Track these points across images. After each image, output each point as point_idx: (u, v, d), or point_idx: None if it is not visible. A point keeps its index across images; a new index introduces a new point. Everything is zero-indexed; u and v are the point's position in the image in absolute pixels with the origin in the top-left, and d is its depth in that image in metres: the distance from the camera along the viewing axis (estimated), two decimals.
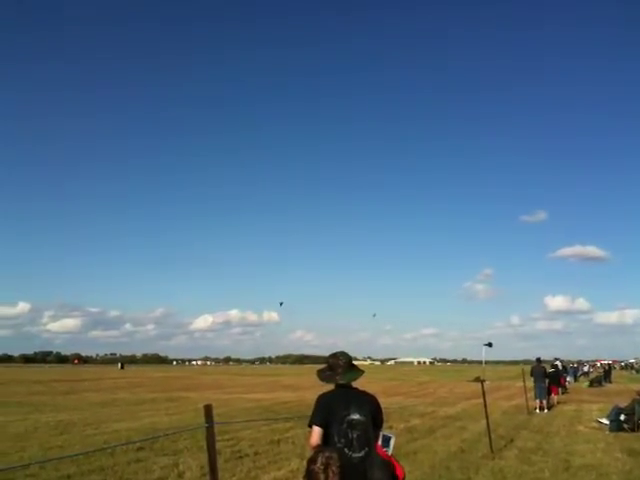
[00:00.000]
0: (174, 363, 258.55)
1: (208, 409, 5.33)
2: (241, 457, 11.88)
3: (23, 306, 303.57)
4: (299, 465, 11.02)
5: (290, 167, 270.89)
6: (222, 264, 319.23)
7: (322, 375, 5.35)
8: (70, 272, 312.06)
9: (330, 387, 5.30)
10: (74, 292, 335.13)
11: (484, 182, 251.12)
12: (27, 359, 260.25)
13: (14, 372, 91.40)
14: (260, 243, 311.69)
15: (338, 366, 5.26)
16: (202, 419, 17.48)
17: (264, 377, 67.34)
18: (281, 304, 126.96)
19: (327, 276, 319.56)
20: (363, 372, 5.45)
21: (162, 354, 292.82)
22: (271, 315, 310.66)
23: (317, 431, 4.96)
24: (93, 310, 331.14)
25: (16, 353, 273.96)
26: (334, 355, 5.38)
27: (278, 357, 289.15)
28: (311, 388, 37.97)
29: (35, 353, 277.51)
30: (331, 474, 4.16)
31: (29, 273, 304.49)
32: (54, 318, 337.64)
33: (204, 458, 11.47)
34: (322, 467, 4.18)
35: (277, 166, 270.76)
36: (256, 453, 12.49)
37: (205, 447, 12.45)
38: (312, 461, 4.28)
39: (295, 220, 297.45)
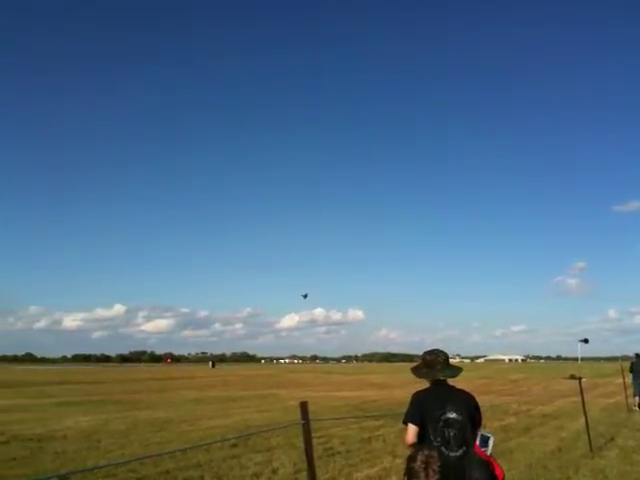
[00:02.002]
0: (262, 361, 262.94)
1: (304, 406, 5.34)
2: (333, 455, 11.90)
3: (119, 308, 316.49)
4: (391, 463, 10.97)
5: (377, 166, 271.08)
6: (306, 263, 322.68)
7: (418, 372, 5.28)
8: (162, 275, 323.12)
9: (423, 385, 5.23)
10: (166, 294, 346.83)
11: (573, 172, 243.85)
12: (123, 359, 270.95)
13: (112, 371, 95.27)
14: (344, 242, 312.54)
15: (437, 363, 5.17)
16: (292, 416, 17.74)
17: (351, 375, 67.44)
18: (305, 296, 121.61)
19: (412, 273, 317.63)
20: (461, 369, 5.36)
21: (250, 352, 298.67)
22: (356, 313, 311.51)
23: (412, 429, 4.90)
24: (184, 311, 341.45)
25: (113, 353, 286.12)
26: (431, 352, 5.29)
27: (364, 355, 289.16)
28: (399, 386, 37.79)
29: (130, 353, 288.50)
30: (431, 472, 4.10)
31: (124, 277, 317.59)
32: (147, 319, 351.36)
33: (296, 455, 11.64)
34: (422, 465, 4.13)
35: (368, 165, 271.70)
36: (348, 451, 12.48)
37: (297, 444, 12.70)
38: (412, 459, 4.23)
39: (379, 219, 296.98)
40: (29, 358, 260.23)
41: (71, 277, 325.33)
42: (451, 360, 5.40)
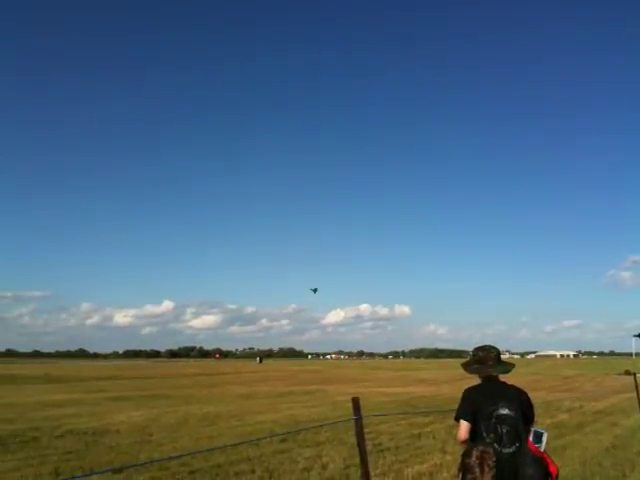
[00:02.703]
0: (309, 357, 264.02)
1: (356, 402, 5.33)
2: (382, 450, 11.85)
3: (167, 304, 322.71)
4: (442, 460, 10.88)
5: (422, 165, 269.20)
6: (351, 260, 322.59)
7: (469, 368, 5.23)
8: (209, 271, 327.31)
9: (474, 381, 5.17)
10: (213, 290, 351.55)
11: (623, 170, 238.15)
12: (172, 354, 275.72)
13: (162, 367, 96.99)
14: (389, 238, 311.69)
15: (488, 359, 5.11)
16: (340, 412, 17.78)
17: (398, 371, 67.12)
18: (315, 291, 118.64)
19: (459, 268, 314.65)
20: (514, 365, 5.29)
21: (297, 348, 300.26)
22: (402, 309, 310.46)
23: (464, 425, 4.85)
24: (231, 307, 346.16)
25: (162, 349, 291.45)
26: (483, 348, 5.23)
27: (411, 351, 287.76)
28: (448, 383, 37.44)
29: (179, 348, 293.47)
30: (487, 468, 4.05)
31: (172, 274, 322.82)
32: (195, 315, 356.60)
33: (346, 451, 11.65)
34: (477, 461, 4.09)
35: (414, 164, 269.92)
36: (397, 447, 12.41)
37: (346, 440, 12.71)
38: (467, 455, 4.19)
39: (425, 216, 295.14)
40: (82, 354, 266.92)
41: (121, 274, 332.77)
42: (501, 356, 5.33)
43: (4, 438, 13.56)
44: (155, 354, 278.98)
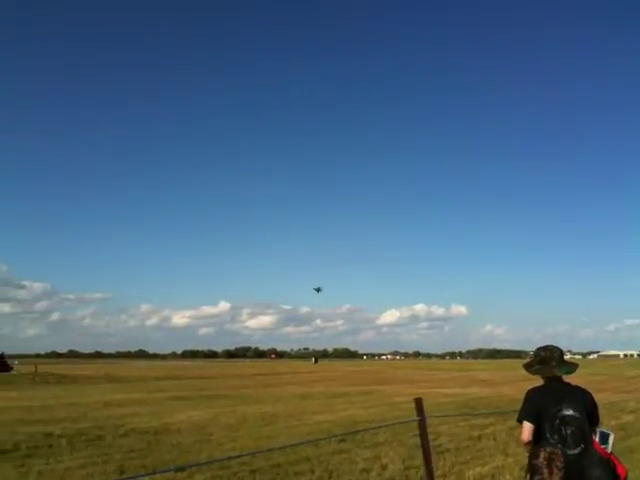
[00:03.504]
0: (364, 357, 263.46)
1: (419, 403, 5.28)
2: (442, 452, 11.70)
3: (224, 305, 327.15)
4: (504, 462, 10.68)
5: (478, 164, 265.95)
6: (405, 260, 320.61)
7: (532, 369, 5.13)
8: (264, 272, 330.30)
9: (537, 382, 5.06)
10: (268, 291, 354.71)
11: None
12: (229, 354, 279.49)
13: (219, 367, 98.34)
14: (445, 238, 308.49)
15: (552, 359, 5.00)
16: (397, 413, 17.64)
17: (456, 372, 66.31)
18: (318, 290, 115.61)
19: (517, 267, 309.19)
20: (577, 365, 5.16)
21: (352, 348, 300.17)
22: (459, 309, 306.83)
23: (528, 427, 4.76)
24: (286, 307, 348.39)
25: (219, 349, 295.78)
26: (545, 348, 5.12)
27: (469, 352, 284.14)
28: (507, 383, 36.77)
29: (236, 349, 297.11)
30: (555, 470, 3.96)
31: (228, 275, 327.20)
32: (251, 316, 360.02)
33: (405, 452, 11.56)
34: (545, 462, 4.00)
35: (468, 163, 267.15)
36: (457, 448, 12.25)
37: (405, 441, 12.60)
38: (534, 456, 4.11)
39: (481, 214, 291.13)
40: (142, 354, 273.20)
41: (179, 276, 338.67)
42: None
43: (70, 437, 13.94)
44: (212, 354, 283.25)
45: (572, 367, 5.08)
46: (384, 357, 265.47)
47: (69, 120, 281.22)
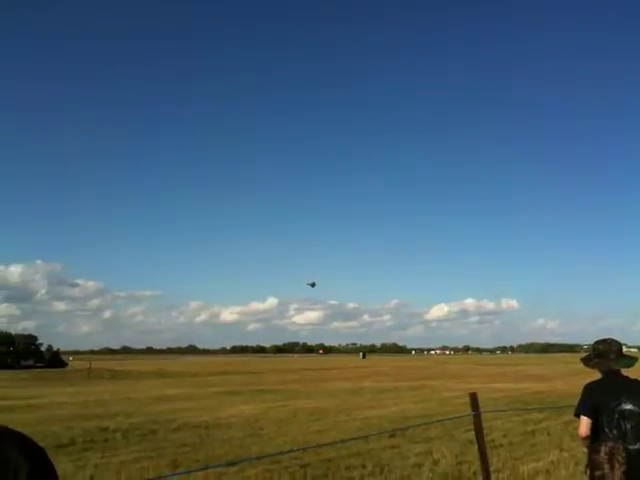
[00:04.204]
0: (412, 352, 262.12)
1: (474, 398, 5.19)
2: (495, 447, 11.52)
3: (272, 301, 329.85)
4: (558, 456, 10.49)
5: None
6: (454, 253, 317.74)
7: (589, 362, 5.00)
8: (311, 268, 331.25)
9: (594, 376, 4.93)
10: (315, 287, 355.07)
11: None
12: (278, 349, 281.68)
13: (268, 362, 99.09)
14: (492, 230, 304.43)
15: (610, 352, 4.86)
16: (448, 408, 17.46)
17: (507, 366, 65.34)
18: (313, 285, 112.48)
19: (569, 259, 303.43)
20: (637, 359, 5.01)
21: (400, 343, 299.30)
22: (509, 303, 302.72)
23: (586, 421, 4.64)
24: (333, 303, 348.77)
25: (268, 344, 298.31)
26: (604, 341, 4.97)
27: (520, 346, 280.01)
28: (561, 378, 36.04)
29: (284, 344, 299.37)
30: (617, 464, 3.82)
31: (276, 271, 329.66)
32: (298, 311, 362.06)
33: (457, 447, 11.43)
34: (606, 457, 3.86)
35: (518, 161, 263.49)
36: (510, 443, 12.07)
37: (456, 436, 12.48)
38: (595, 451, 3.98)
39: (530, 206, 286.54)
40: (192, 350, 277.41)
41: (227, 273, 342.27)
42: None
43: (124, 431, 14.22)
44: (261, 349, 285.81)
45: (631, 361, 4.94)
46: (433, 352, 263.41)
47: (116, 121, 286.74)
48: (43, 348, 79.59)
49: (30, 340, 77.94)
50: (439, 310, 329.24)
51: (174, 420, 16.34)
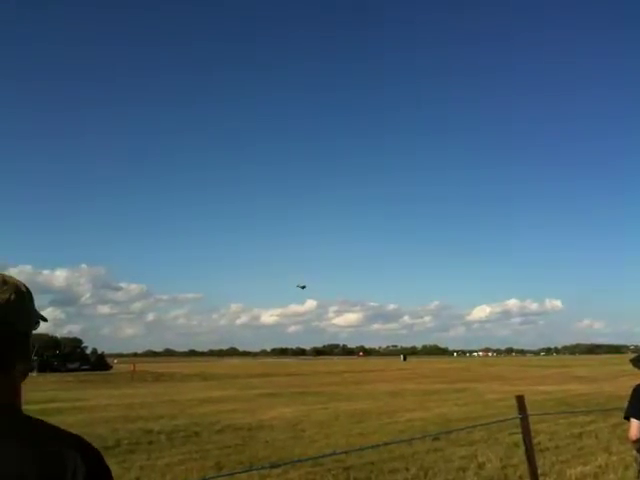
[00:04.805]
0: (454, 354, 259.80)
1: (521, 400, 5.11)
2: (542, 450, 11.31)
3: (311, 303, 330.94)
4: (607, 460, 10.25)
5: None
6: (496, 253, 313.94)
7: (639, 363, 4.88)
8: (350, 269, 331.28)
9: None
10: (354, 288, 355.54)
11: None
12: (317, 352, 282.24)
13: (308, 364, 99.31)
14: (536, 231, 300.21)
15: None
16: (492, 411, 17.21)
17: (552, 368, 64.28)
18: (303, 287, 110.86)
19: (616, 257, 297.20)
20: None
21: (441, 345, 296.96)
22: (554, 303, 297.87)
23: (636, 424, 4.56)
24: (372, 304, 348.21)
25: (308, 346, 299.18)
26: None
27: (565, 347, 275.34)
28: (608, 380, 35.28)
29: (324, 346, 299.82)
30: None
31: (315, 273, 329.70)
32: (338, 313, 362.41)
33: (502, 450, 11.27)
34: None
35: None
36: (557, 447, 11.84)
37: (501, 439, 12.30)
38: None
39: (574, 207, 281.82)
40: (233, 352, 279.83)
41: (267, 276, 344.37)
42: None
43: (169, 433, 14.38)
44: (301, 352, 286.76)
45: None
46: (475, 354, 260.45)
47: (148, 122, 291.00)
48: (88, 351, 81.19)
49: (75, 343, 79.73)
50: (481, 311, 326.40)
51: (217, 422, 16.46)
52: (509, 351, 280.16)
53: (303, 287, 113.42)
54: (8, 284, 1.36)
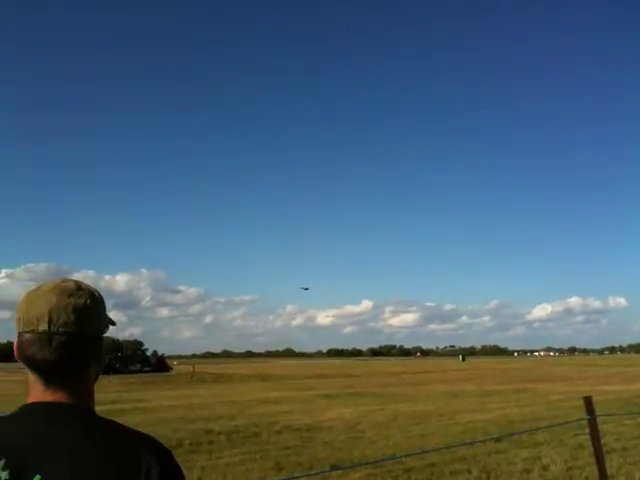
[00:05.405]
0: (515, 354, 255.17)
1: (588, 402, 4.93)
2: (608, 452, 10.90)
3: (366, 304, 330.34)
4: None
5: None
6: (556, 251, 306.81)
7: None
8: (405, 270, 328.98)
9: None
10: (410, 288, 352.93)
11: None
12: (374, 352, 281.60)
13: (365, 365, 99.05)
14: (595, 227, 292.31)
15: None
16: (555, 412, 16.83)
17: (616, 367, 62.54)
18: (306, 289, 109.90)
19: None
20: None
21: (501, 345, 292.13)
22: (617, 300, 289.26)
23: None
24: (429, 305, 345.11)
25: (364, 347, 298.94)
26: None
27: (630, 346, 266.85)
28: None
29: (380, 347, 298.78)
30: None
31: (370, 274, 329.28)
32: (394, 313, 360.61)
33: (566, 452, 10.98)
34: None
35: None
36: (624, 448, 11.46)
37: (565, 441, 11.98)
38: None
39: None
40: (289, 353, 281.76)
41: (322, 277, 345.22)
42: None
43: (228, 433, 14.51)
44: (357, 352, 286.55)
45: None
46: (537, 354, 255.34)
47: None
48: (148, 353, 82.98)
49: (136, 346, 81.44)
50: (542, 310, 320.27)
51: (276, 422, 16.54)
52: (572, 350, 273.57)
53: (306, 289, 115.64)
54: (83, 289, 1.43)
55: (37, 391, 1.37)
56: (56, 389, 1.36)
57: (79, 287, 1.42)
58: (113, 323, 1.50)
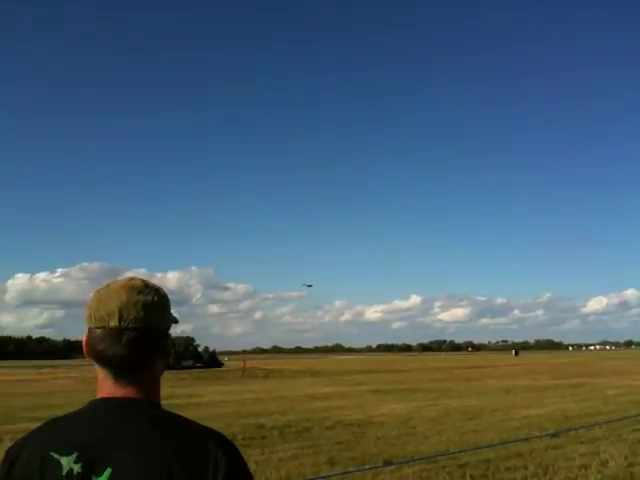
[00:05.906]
0: (569, 348, 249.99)
1: None
2: None
3: (415, 299, 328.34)
4: None
5: None
6: (611, 241, 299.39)
7: None
8: (455, 264, 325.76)
9: None
10: (460, 282, 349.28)
11: None
12: (424, 347, 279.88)
13: (415, 360, 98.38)
14: None
15: None
16: (612, 407, 16.37)
17: None
18: (310, 286, 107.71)
19: None
20: None
21: (555, 339, 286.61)
22: None
23: None
24: (480, 299, 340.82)
25: (413, 342, 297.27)
26: None
27: None
28: None
29: (430, 342, 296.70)
30: None
31: (419, 268, 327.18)
32: (443, 308, 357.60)
33: (626, 447, 10.69)
34: None
35: None
36: None
37: (624, 436, 11.70)
38: None
39: None
40: (338, 348, 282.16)
41: (370, 272, 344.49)
42: None
43: (280, 428, 14.59)
44: (407, 348, 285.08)
45: None
46: (592, 347, 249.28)
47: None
48: (200, 349, 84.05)
49: (188, 342, 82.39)
50: (597, 303, 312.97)
51: (328, 418, 16.57)
52: (628, 344, 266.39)
53: (310, 286, 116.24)
54: (150, 287, 1.47)
55: (107, 386, 1.40)
56: (125, 384, 1.39)
57: (146, 285, 1.46)
58: (176, 320, 1.53)
